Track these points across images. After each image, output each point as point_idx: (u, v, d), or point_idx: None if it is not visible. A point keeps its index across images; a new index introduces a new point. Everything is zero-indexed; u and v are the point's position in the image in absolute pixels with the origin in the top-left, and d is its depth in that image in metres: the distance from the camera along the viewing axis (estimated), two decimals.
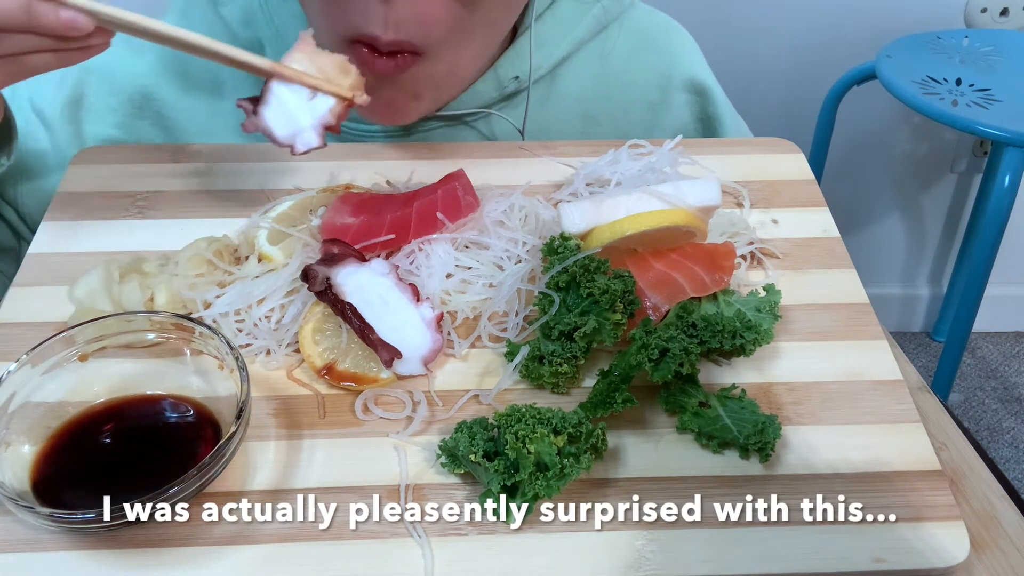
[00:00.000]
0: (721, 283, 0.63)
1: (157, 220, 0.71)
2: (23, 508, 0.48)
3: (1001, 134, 1.40)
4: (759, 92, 1.68)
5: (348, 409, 0.58)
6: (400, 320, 0.60)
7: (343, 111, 0.65)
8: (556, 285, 0.60)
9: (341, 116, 0.65)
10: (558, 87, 0.85)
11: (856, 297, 0.66)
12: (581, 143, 0.80)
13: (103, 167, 0.75)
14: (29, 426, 0.53)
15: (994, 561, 0.53)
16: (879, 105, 1.70)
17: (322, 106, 0.65)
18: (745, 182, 0.76)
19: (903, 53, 1.57)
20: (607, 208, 0.64)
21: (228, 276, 0.64)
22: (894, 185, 1.89)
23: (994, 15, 1.67)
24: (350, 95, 0.65)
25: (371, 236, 0.65)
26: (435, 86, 0.76)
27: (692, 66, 0.89)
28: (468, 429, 0.53)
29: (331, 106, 0.65)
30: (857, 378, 0.60)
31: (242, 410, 0.52)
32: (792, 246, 0.70)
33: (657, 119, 0.88)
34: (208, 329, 0.56)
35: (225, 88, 0.83)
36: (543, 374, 0.58)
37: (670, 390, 0.58)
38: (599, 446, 0.53)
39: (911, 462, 0.55)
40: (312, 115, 0.65)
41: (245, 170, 0.75)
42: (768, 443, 0.54)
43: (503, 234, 0.68)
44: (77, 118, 0.81)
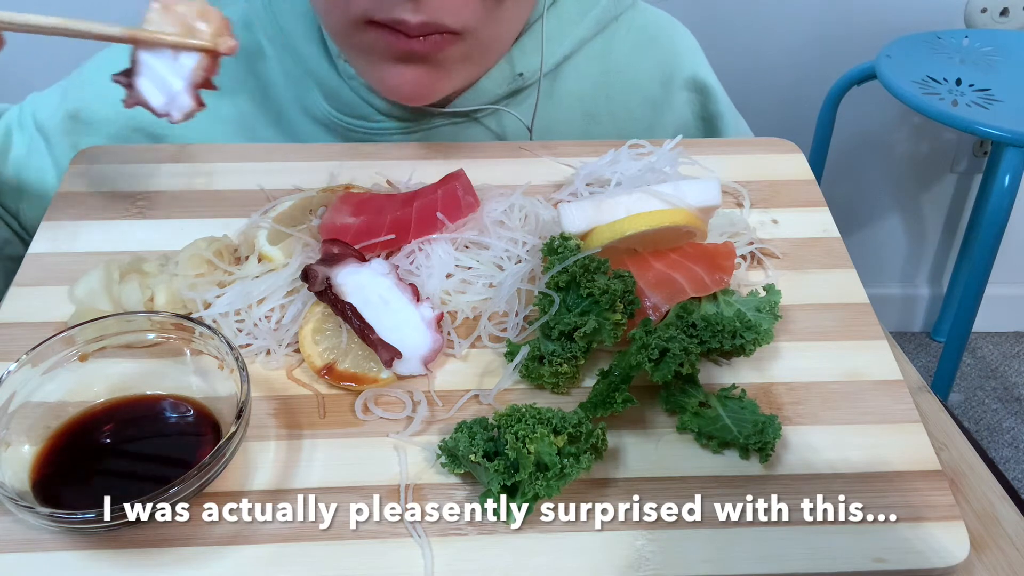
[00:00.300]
0: (721, 283, 0.63)
1: (157, 220, 0.71)
2: (23, 508, 0.48)
3: (1001, 134, 1.40)
4: (759, 92, 1.68)
5: (348, 409, 0.58)
6: (400, 320, 0.60)
7: (211, 64, 0.61)
8: (556, 285, 0.60)
9: (210, 70, 0.61)
10: (561, 85, 0.85)
11: (856, 297, 0.66)
12: (581, 143, 0.80)
13: (103, 167, 0.75)
14: (29, 426, 0.53)
15: (994, 561, 0.53)
16: (879, 105, 1.70)
17: (188, 63, 0.60)
18: (745, 182, 0.76)
19: (903, 53, 1.57)
20: (607, 208, 0.64)
21: (228, 276, 0.64)
22: (894, 185, 1.89)
23: (994, 15, 1.67)
24: (212, 45, 0.60)
25: (371, 236, 0.65)
26: (467, 62, 0.75)
27: (694, 64, 0.89)
28: (468, 429, 0.53)
29: (196, 62, 0.60)
30: (857, 378, 0.60)
31: (242, 410, 0.52)
32: (792, 246, 0.70)
33: (659, 117, 0.88)
34: (208, 329, 0.56)
35: (222, 93, 0.82)
36: (543, 374, 0.58)
37: (670, 390, 0.58)
38: (599, 446, 0.53)
39: (911, 462, 0.55)
40: (181, 76, 0.61)
41: (245, 170, 0.75)
42: (768, 443, 0.54)
43: (503, 234, 0.68)
44: (75, 131, 0.81)
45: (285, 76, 0.82)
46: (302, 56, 0.80)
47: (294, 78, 0.81)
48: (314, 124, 0.83)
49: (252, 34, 0.81)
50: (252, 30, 0.81)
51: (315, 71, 0.80)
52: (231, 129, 0.83)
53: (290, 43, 0.80)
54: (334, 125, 0.82)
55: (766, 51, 1.68)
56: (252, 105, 0.83)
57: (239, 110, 0.83)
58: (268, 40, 0.81)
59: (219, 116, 0.83)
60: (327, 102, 0.81)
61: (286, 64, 0.81)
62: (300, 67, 0.81)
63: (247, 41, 0.81)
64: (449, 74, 0.74)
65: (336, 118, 0.81)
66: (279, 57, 0.81)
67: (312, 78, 0.81)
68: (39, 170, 0.81)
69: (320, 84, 0.81)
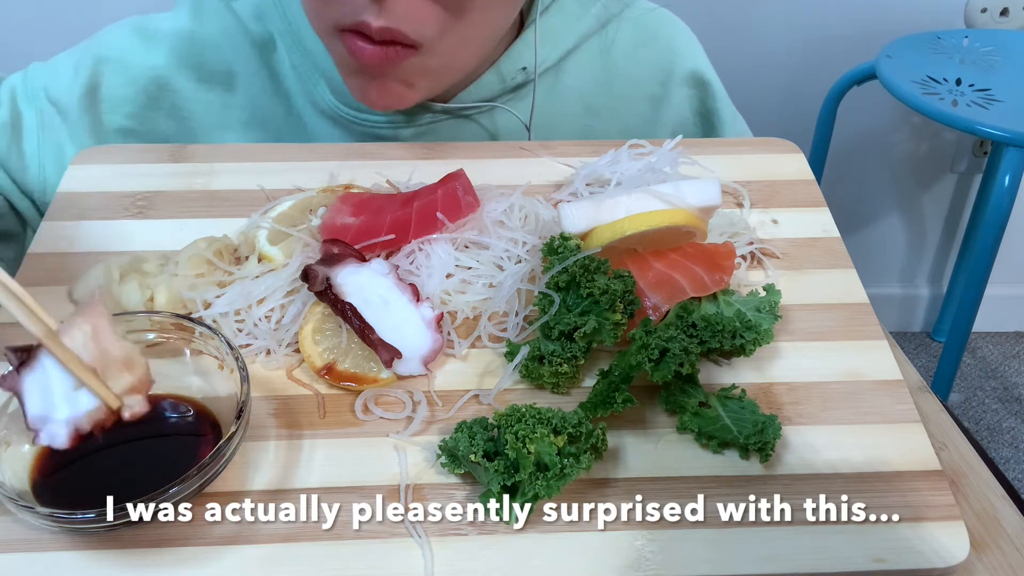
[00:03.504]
0: (721, 283, 0.63)
1: (157, 220, 0.71)
2: (23, 508, 0.48)
3: (1001, 134, 1.40)
4: (759, 92, 1.68)
5: (348, 409, 0.58)
6: (400, 320, 0.60)
7: (105, 420, 0.50)
8: (556, 285, 0.60)
9: (101, 425, 0.50)
10: (562, 81, 0.86)
11: (856, 297, 0.66)
12: (581, 143, 0.80)
13: (103, 167, 0.75)
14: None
15: (994, 561, 0.53)
16: (879, 105, 1.70)
17: (83, 404, 0.50)
18: (745, 182, 0.76)
19: (903, 53, 1.57)
20: (607, 208, 0.64)
21: (228, 276, 0.64)
22: (894, 185, 1.89)
23: (994, 15, 1.67)
24: (115, 403, 0.50)
25: (371, 236, 0.65)
26: (428, 76, 0.76)
27: (693, 60, 0.90)
28: (468, 429, 0.53)
29: (91, 409, 0.50)
30: (857, 378, 0.60)
31: (242, 410, 0.52)
32: (792, 246, 0.70)
33: (658, 113, 0.89)
34: (208, 329, 0.56)
35: (238, 80, 0.83)
36: (543, 374, 0.58)
37: (670, 390, 0.58)
38: (599, 446, 0.53)
39: (911, 462, 0.55)
40: (70, 409, 0.50)
41: (245, 170, 0.75)
42: (768, 443, 0.54)
43: (503, 234, 0.68)
44: (95, 108, 0.82)
45: (293, 69, 0.82)
46: (309, 50, 0.81)
47: (302, 71, 0.82)
48: (321, 117, 0.83)
49: (264, 25, 0.82)
50: (264, 22, 0.82)
51: (321, 65, 0.81)
52: (244, 116, 0.84)
53: (298, 37, 0.81)
54: (340, 118, 0.82)
55: (766, 51, 1.68)
56: (264, 96, 0.83)
57: (252, 100, 0.83)
58: (278, 33, 0.82)
59: (234, 104, 0.83)
60: (333, 95, 0.82)
61: (294, 57, 0.82)
62: (307, 60, 0.81)
63: (260, 32, 0.82)
64: (412, 86, 0.75)
65: (342, 111, 0.82)
66: (288, 50, 0.82)
67: (319, 71, 0.81)
68: (56, 145, 0.81)
69: (326, 77, 0.81)
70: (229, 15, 0.82)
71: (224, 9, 0.82)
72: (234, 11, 0.82)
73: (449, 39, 0.71)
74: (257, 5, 0.82)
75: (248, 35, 0.82)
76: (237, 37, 0.82)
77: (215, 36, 0.82)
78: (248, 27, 0.82)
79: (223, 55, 0.82)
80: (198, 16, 0.82)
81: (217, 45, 0.82)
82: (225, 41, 0.82)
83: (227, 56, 0.82)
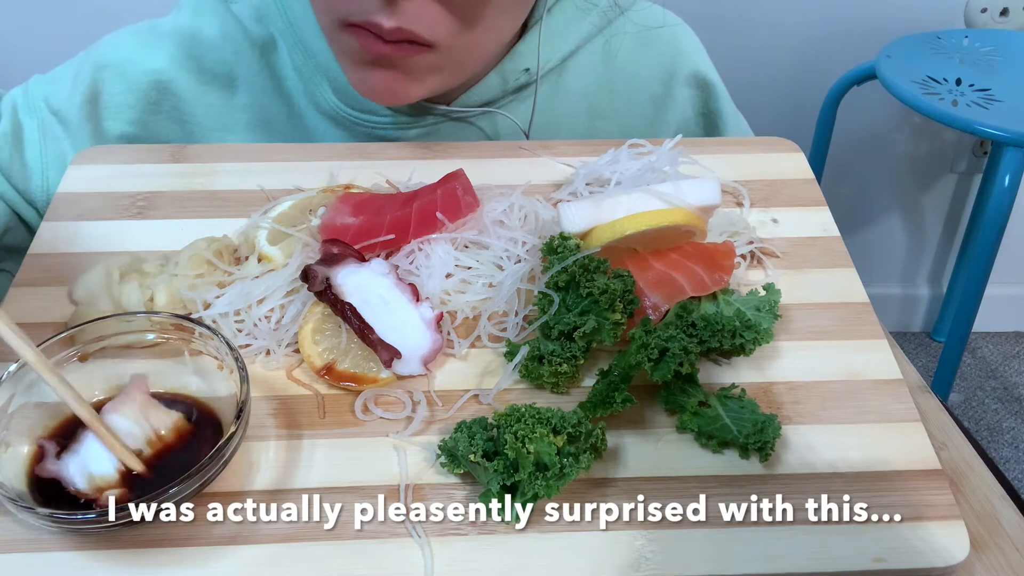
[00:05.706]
0: (721, 282, 0.63)
1: (157, 220, 0.71)
2: (23, 508, 0.48)
3: (1001, 134, 1.40)
4: (759, 92, 1.68)
5: (348, 409, 0.58)
6: (400, 320, 0.60)
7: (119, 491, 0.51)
8: (556, 285, 0.60)
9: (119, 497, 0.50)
10: (564, 82, 0.86)
11: (856, 296, 0.66)
12: (581, 143, 0.80)
13: (103, 167, 0.75)
14: (29, 426, 0.53)
15: (994, 561, 0.53)
16: (879, 105, 1.70)
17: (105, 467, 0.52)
18: (745, 181, 0.75)
19: (903, 53, 1.57)
20: (607, 208, 0.64)
21: (228, 276, 0.64)
22: (894, 185, 1.89)
23: (994, 15, 1.67)
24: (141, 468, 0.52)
25: (371, 236, 0.65)
26: (437, 73, 0.75)
27: (695, 61, 0.90)
28: (468, 429, 0.53)
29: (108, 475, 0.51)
30: (857, 378, 0.60)
31: (242, 410, 0.52)
32: (792, 245, 0.70)
33: (660, 114, 0.89)
34: (208, 329, 0.56)
35: (239, 82, 0.83)
36: (543, 374, 0.58)
37: (670, 390, 0.58)
38: (599, 446, 0.53)
39: (911, 462, 0.55)
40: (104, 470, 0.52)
41: (245, 170, 0.75)
42: (768, 443, 0.54)
43: (503, 234, 0.68)
44: (95, 116, 0.82)
45: (295, 70, 0.82)
46: (311, 50, 0.81)
47: (304, 71, 0.82)
48: (323, 117, 0.83)
49: (265, 27, 0.82)
50: (265, 23, 0.82)
51: (324, 65, 0.80)
52: (246, 118, 0.84)
53: (300, 37, 0.81)
54: (343, 119, 0.82)
55: (766, 51, 1.68)
56: (266, 97, 0.83)
57: (254, 102, 0.83)
58: (279, 33, 0.82)
59: (235, 106, 0.83)
60: (336, 96, 0.82)
61: (296, 58, 0.82)
62: (310, 61, 0.81)
63: (261, 34, 0.82)
64: (420, 81, 0.75)
65: (344, 112, 0.82)
66: (290, 50, 0.82)
67: (321, 72, 0.81)
68: (58, 155, 0.81)
69: (329, 78, 0.81)
70: (229, 17, 0.82)
71: (224, 11, 0.82)
72: (234, 13, 0.82)
73: (462, 42, 0.71)
74: (258, 6, 0.82)
75: (249, 36, 0.82)
76: (238, 39, 0.82)
77: (215, 38, 0.82)
78: (249, 28, 0.82)
79: (224, 57, 0.82)
80: (198, 18, 0.82)
81: (218, 47, 0.82)
82: (226, 43, 0.82)
83: (228, 58, 0.82)
